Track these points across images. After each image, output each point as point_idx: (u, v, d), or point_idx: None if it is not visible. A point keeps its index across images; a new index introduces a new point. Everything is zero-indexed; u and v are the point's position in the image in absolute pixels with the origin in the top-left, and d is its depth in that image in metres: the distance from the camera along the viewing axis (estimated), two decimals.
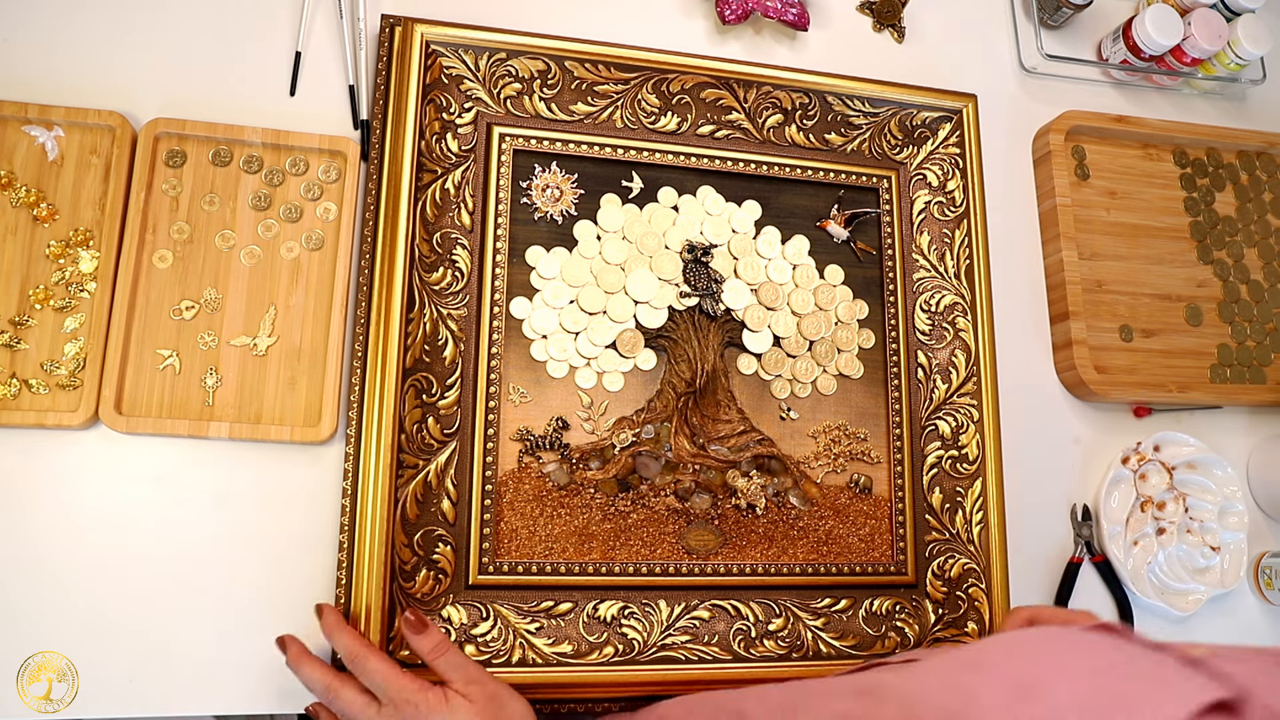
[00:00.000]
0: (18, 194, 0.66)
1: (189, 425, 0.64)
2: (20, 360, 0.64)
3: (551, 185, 0.75)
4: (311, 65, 0.75)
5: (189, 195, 0.69)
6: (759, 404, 0.75)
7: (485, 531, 0.67)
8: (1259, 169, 0.95)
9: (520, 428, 0.70)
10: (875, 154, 0.82)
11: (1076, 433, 0.84)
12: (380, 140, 0.70)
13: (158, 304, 0.67)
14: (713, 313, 0.75)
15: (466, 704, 0.56)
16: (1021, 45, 0.93)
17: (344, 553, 0.63)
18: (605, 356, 0.73)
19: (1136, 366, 0.85)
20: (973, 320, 0.79)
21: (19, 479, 0.63)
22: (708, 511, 0.72)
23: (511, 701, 0.58)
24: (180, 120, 0.69)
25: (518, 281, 0.72)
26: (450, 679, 0.57)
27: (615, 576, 0.68)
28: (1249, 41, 0.91)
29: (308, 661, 0.59)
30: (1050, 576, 0.80)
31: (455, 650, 0.59)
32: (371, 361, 0.66)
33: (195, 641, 0.63)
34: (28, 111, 0.67)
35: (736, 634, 0.69)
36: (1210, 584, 0.81)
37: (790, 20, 0.83)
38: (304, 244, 0.70)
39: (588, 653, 0.66)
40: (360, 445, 0.65)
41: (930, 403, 0.77)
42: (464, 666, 0.58)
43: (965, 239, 0.80)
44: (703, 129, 0.78)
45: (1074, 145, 0.90)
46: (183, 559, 0.64)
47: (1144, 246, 0.89)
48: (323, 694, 0.58)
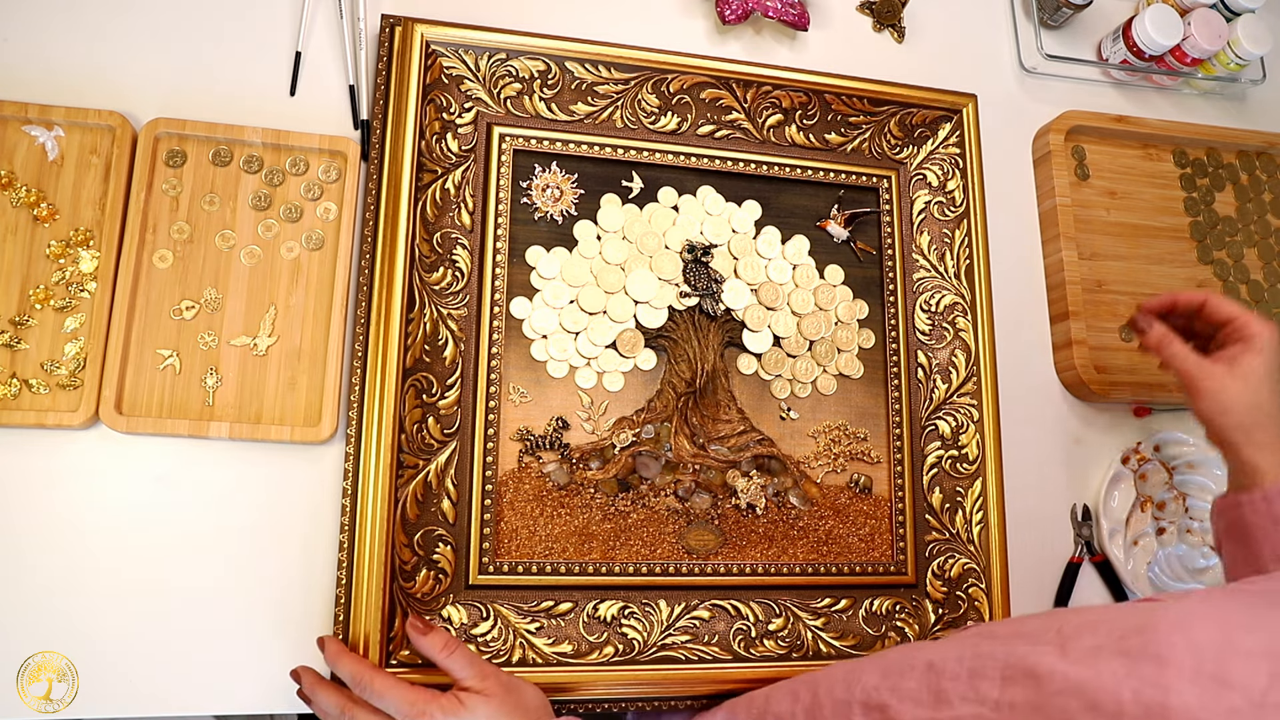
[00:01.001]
0: (18, 194, 0.66)
1: (189, 425, 0.64)
2: (20, 360, 0.64)
3: (551, 185, 0.75)
4: (311, 65, 0.75)
5: (189, 195, 0.69)
6: (759, 404, 0.75)
7: (485, 531, 0.67)
8: (1259, 169, 0.95)
9: (520, 428, 0.70)
10: (875, 154, 0.82)
11: (1076, 433, 0.84)
12: (380, 140, 0.70)
13: (158, 304, 0.67)
14: (713, 313, 0.75)
15: (484, 700, 0.56)
16: (1021, 45, 0.93)
17: (344, 553, 0.63)
18: (605, 356, 0.73)
19: (1136, 366, 0.85)
20: (973, 320, 0.79)
21: (19, 479, 0.63)
22: (708, 511, 0.72)
23: (526, 689, 0.58)
24: (180, 120, 0.69)
25: (518, 281, 0.72)
26: (462, 678, 0.57)
27: (615, 576, 0.68)
28: (1249, 41, 0.91)
29: (322, 688, 0.58)
30: (1050, 576, 0.80)
31: (464, 647, 0.59)
32: (371, 361, 0.66)
33: (195, 641, 0.63)
34: (28, 111, 0.67)
35: (736, 634, 0.69)
36: (1210, 584, 0.81)
37: (790, 20, 0.83)
38: (304, 244, 0.70)
39: (588, 653, 0.66)
40: (360, 445, 0.65)
41: (930, 403, 0.77)
42: (475, 663, 0.58)
43: (965, 239, 0.80)
44: (703, 129, 0.78)
45: (1074, 145, 0.90)
46: (183, 559, 0.64)
47: (1144, 246, 0.89)
48: (338, 718, 0.57)
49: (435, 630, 0.59)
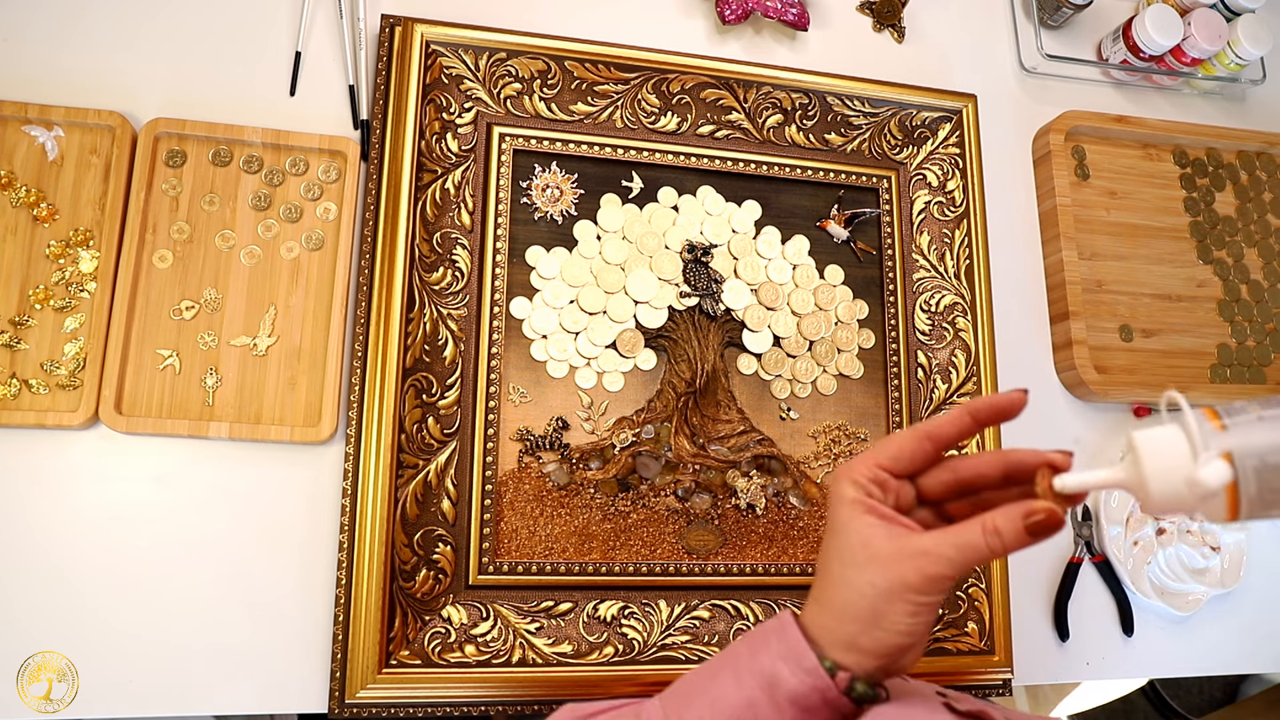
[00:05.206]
0: (18, 194, 0.66)
1: (189, 425, 0.64)
2: (20, 360, 0.64)
3: (551, 185, 0.75)
4: (311, 65, 0.75)
5: (189, 195, 0.69)
6: (759, 404, 0.75)
7: (485, 531, 0.67)
8: (1259, 169, 0.95)
9: (520, 428, 0.70)
10: (875, 154, 0.82)
11: (1076, 433, 0.84)
12: (380, 140, 0.70)
13: (158, 304, 0.67)
14: (713, 313, 0.75)
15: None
16: (1021, 45, 0.93)
17: (344, 553, 0.63)
18: (605, 356, 0.73)
19: (1136, 366, 0.85)
20: (973, 320, 0.79)
21: (19, 479, 0.63)
22: (708, 511, 0.72)
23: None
24: (180, 120, 0.69)
25: (518, 281, 0.72)
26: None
27: (615, 576, 0.68)
28: (1249, 41, 0.91)
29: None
30: (1050, 576, 0.80)
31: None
32: (371, 361, 0.66)
33: (195, 641, 0.63)
34: (28, 111, 0.67)
35: (736, 634, 0.69)
36: (1210, 584, 0.81)
37: (790, 20, 0.83)
38: (304, 244, 0.70)
39: (588, 653, 0.66)
40: (360, 445, 0.65)
41: (930, 403, 0.77)
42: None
43: (965, 239, 0.80)
44: (703, 129, 0.78)
45: (1074, 145, 0.90)
46: (183, 559, 0.64)
47: (1144, 246, 0.89)
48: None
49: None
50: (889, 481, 0.40)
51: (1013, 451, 0.41)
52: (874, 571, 0.38)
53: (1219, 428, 0.35)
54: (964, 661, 0.72)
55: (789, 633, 0.40)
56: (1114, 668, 0.79)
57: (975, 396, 0.77)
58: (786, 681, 0.38)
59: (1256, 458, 0.34)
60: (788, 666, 0.38)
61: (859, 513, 0.39)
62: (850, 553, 0.39)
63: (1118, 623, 0.80)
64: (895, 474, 0.41)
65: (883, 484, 0.40)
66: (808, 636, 0.39)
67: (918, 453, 0.41)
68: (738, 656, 0.41)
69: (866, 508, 0.39)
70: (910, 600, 0.37)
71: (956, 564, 0.37)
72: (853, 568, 0.38)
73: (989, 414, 0.41)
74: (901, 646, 0.38)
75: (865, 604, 0.38)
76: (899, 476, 0.41)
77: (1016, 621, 0.75)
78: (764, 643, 0.40)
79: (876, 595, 0.37)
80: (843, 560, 0.39)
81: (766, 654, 0.39)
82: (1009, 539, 0.37)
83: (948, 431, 0.41)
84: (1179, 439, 0.36)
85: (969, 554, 0.37)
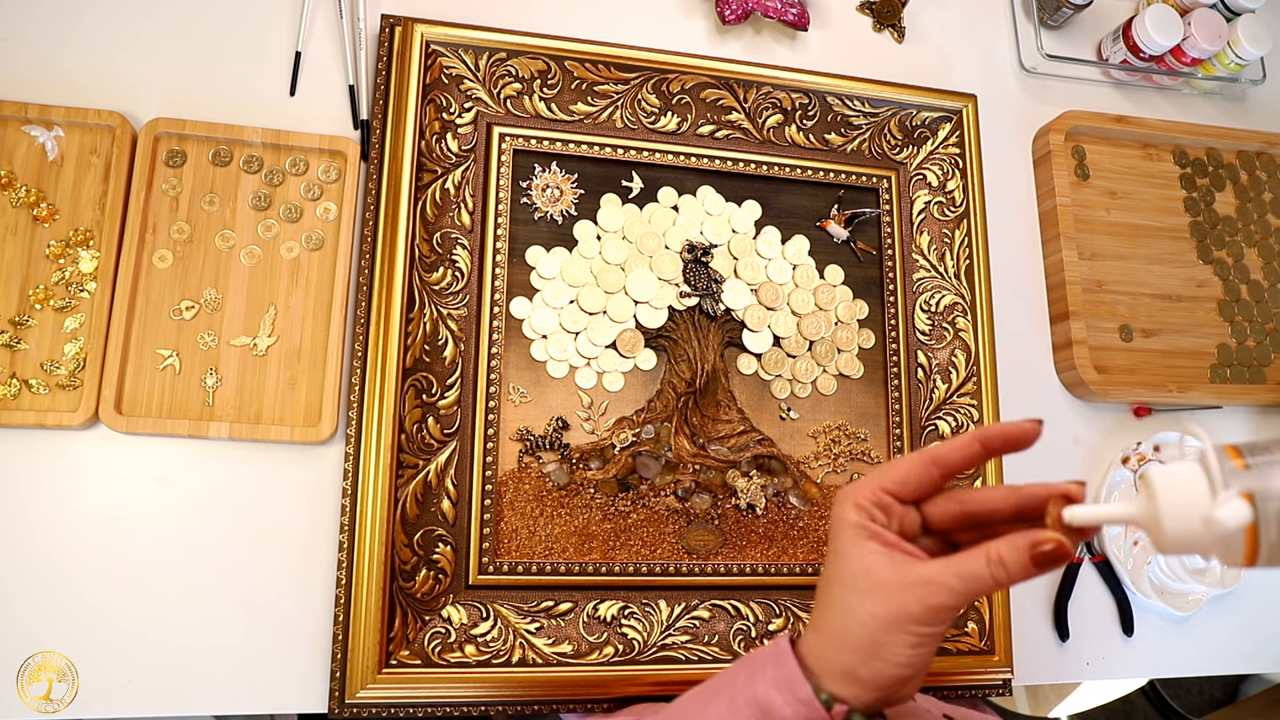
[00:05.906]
0: (18, 194, 0.66)
1: (189, 425, 0.64)
2: (20, 360, 0.64)
3: (551, 185, 0.75)
4: (311, 65, 0.75)
5: (189, 195, 0.69)
6: (759, 404, 0.75)
7: (485, 531, 0.67)
8: (1259, 169, 0.95)
9: (520, 428, 0.70)
10: (875, 154, 0.82)
11: (1076, 433, 0.84)
12: (380, 140, 0.70)
13: (158, 304, 0.67)
14: (713, 313, 0.75)
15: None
16: (1021, 45, 0.93)
17: (344, 553, 0.63)
18: (605, 356, 0.73)
19: (1136, 366, 0.85)
20: (973, 320, 0.79)
21: (19, 479, 0.63)
22: (708, 511, 0.72)
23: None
24: (180, 120, 0.69)
25: (518, 281, 0.72)
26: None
27: (615, 576, 0.68)
28: (1249, 41, 0.91)
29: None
30: (1050, 576, 0.80)
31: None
32: (371, 361, 0.66)
33: (195, 641, 0.63)
34: (28, 111, 0.67)
35: (736, 634, 0.69)
36: (1210, 584, 0.81)
37: (790, 20, 0.83)
38: (304, 244, 0.70)
39: (588, 653, 0.66)
40: (360, 445, 0.65)
41: (930, 403, 0.77)
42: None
43: (965, 239, 0.80)
44: (703, 129, 0.78)
45: (1074, 145, 0.90)
46: (183, 559, 0.64)
47: (1144, 246, 0.89)
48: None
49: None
50: (893, 506, 0.40)
51: (1026, 487, 0.39)
52: (875, 600, 0.37)
53: (1241, 466, 0.33)
54: (964, 661, 0.72)
55: (785, 660, 0.39)
56: (1114, 668, 0.79)
57: (986, 425, 0.77)
58: (780, 711, 0.37)
59: (1279, 500, 0.32)
60: (782, 696, 0.38)
61: (862, 538, 0.38)
62: (852, 579, 0.38)
63: (1118, 623, 0.80)
64: (900, 499, 0.40)
65: (886, 508, 0.40)
66: (804, 665, 0.39)
67: (924, 478, 0.40)
68: (733, 682, 0.40)
69: (870, 533, 0.38)
70: (911, 631, 0.36)
71: (960, 594, 0.36)
72: (854, 594, 0.38)
73: (1000, 443, 0.40)
74: (901, 678, 0.37)
75: (865, 634, 0.37)
76: (904, 501, 0.40)
77: (1016, 621, 0.75)
78: (760, 669, 0.40)
79: (876, 625, 0.37)
80: (844, 586, 0.38)
81: (762, 681, 0.39)
82: (1014, 570, 0.36)
83: (955, 458, 0.40)
84: (1198, 475, 0.34)
85: (972, 584, 0.36)
